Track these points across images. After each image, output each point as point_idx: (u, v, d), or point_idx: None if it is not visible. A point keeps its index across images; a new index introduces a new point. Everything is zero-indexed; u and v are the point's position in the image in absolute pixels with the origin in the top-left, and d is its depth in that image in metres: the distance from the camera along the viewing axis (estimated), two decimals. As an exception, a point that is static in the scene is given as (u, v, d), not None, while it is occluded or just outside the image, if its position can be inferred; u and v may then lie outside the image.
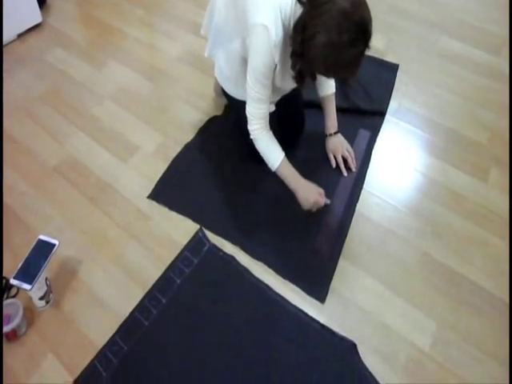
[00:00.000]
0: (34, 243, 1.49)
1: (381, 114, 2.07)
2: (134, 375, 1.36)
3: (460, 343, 1.40)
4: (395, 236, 1.65)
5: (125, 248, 1.64)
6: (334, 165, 1.85)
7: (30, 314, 1.48)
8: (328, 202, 1.67)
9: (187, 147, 1.95)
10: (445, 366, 1.36)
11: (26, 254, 1.46)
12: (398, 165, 1.88)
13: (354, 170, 1.84)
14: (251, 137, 1.59)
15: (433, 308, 1.47)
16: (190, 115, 2.09)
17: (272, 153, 1.60)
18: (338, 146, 1.85)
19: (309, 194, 1.62)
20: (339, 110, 1.86)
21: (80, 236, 1.68)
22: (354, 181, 1.81)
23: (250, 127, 1.57)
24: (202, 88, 2.20)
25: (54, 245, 1.49)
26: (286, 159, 1.60)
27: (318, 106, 1.87)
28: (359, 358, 1.36)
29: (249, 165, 1.85)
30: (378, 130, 2.01)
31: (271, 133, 1.60)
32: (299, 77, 1.43)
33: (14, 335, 1.41)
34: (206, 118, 2.06)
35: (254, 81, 1.45)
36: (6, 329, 1.38)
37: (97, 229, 1.70)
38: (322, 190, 1.63)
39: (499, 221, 1.70)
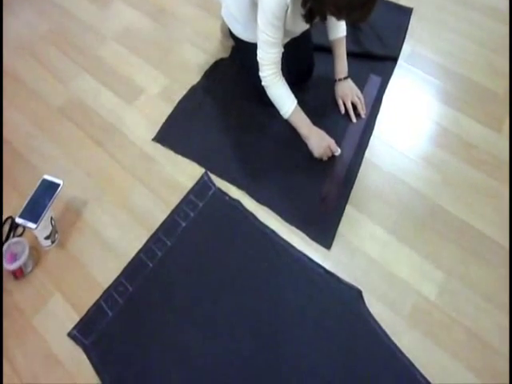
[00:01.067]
0: (38, 183, 1.43)
1: (393, 60, 1.93)
2: (139, 315, 1.32)
3: (467, 293, 1.34)
4: (404, 185, 1.56)
5: (130, 190, 1.57)
6: (342, 111, 1.73)
7: (37, 254, 1.44)
8: (339, 151, 1.59)
9: (193, 90, 1.84)
10: (451, 315, 1.30)
11: (31, 194, 1.40)
12: (410, 112, 1.76)
13: (363, 116, 1.72)
14: (263, 83, 1.48)
15: (441, 258, 1.40)
16: (196, 57, 1.95)
17: (285, 100, 1.51)
18: (348, 92, 1.73)
19: (320, 141, 1.55)
20: (350, 54, 1.72)
21: (85, 177, 1.61)
22: (363, 127, 1.70)
23: (261, 73, 1.46)
24: (208, 29, 2.05)
25: (58, 185, 1.43)
26: (298, 106, 1.52)
27: (328, 50, 1.74)
28: (364, 304, 1.31)
29: (256, 108, 1.74)
30: (390, 76, 1.87)
31: (284, 79, 1.50)
32: (309, 16, 1.32)
33: (20, 273, 1.38)
34: (212, 61, 1.93)
35: (265, 23, 1.33)
36: (12, 266, 1.35)
37: (102, 170, 1.63)
38: (333, 140, 1.55)
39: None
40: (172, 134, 1.71)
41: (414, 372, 1.20)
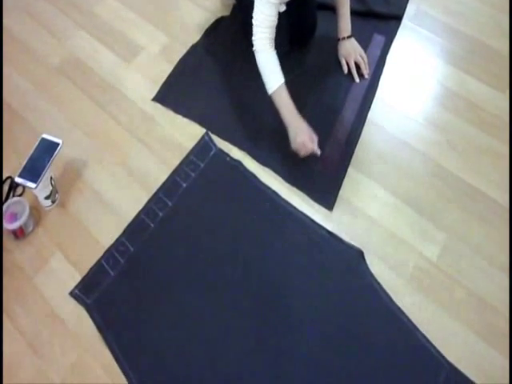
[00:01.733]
0: (37, 142, 1.37)
1: (397, 19, 1.83)
2: (141, 275, 1.29)
3: (469, 254, 1.31)
4: (408, 146, 1.50)
5: (130, 150, 1.52)
6: (345, 70, 1.65)
7: (37, 214, 1.40)
8: (319, 152, 1.38)
9: (193, 48, 1.75)
10: (452, 276, 1.27)
11: (30, 153, 1.35)
12: (414, 73, 1.68)
13: (366, 76, 1.65)
14: (253, 48, 1.38)
15: (443, 219, 1.36)
16: (196, 15, 1.86)
17: (272, 73, 1.38)
18: (351, 51, 1.64)
19: (300, 133, 1.37)
20: (353, 13, 1.64)
21: (84, 137, 1.55)
22: (366, 88, 1.63)
23: (253, 37, 1.37)
24: (209, -14, 1.94)
25: (57, 144, 1.38)
26: (285, 87, 1.38)
27: (331, 8, 1.65)
28: (366, 265, 1.28)
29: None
30: (394, 36, 1.78)
31: (275, 51, 1.39)
32: None
33: (21, 232, 1.34)
34: (213, 19, 1.84)
35: None
36: (13, 226, 1.31)
37: (101, 130, 1.57)
38: (315, 137, 1.37)
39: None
40: (172, 94, 1.64)
41: (414, 331, 1.18)
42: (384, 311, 1.21)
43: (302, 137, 1.36)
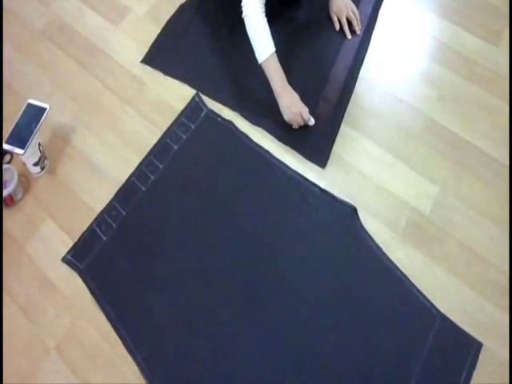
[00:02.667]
0: (23, 108, 1.30)
1: (389, -27, 1.72)
2: (133, 239, 1.25)
3: (461, 208, 1.26)
4: (400, 101, 1.43)
5: (119, 114, 1.45)
6: (337, 27, 1.56)
7: (26, 181, 1.34)
8: (312, 122, 1.35)
9: (182, 8, 1.65)
10: (444, 229, 1.23)
11: (17, 119, 1.29)
12: (406, 27, 1.59)
13: (358, 32, 1.56)
14: (243, 14, 1.28)
15: (435, 173, 1.31)
16: (183, -27, 1.74)
17: (263, 40, 1.28)
18: (342, 7, 1.55)
19: (292, 105, 1.31)
20: (344, -32, 1.53)
21: (72, 102, 1.48)
22: (358, 44, 1.54)
23: (243, 2, 1.28)
24: None
25: (44, 109, 1.31)
26: (276, 56, 1.29)
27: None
28: (359, 221, 1.24)
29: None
30: (386, -9, 1.68)
31: (266, 18, 1.29)
32: None
33: (10, 200, 1.29)
34: (201, -24, 1.72)
35: None
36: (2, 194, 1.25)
37: (89, 95, 1.49)
38: (306, 108, 1.32)
39: (508, 86, 1.46)
40: (161, 55, 1.55)
41: (407, 285, 1.15)
42: (377, 265, 1.18)
43: (295, 108, 1.31)
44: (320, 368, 1.08)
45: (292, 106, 1.31)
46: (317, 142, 1.36)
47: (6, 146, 1.24)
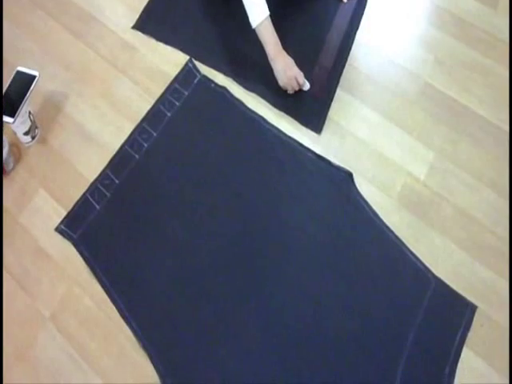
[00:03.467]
0: (12, 75, 1.24)
1: None
2: (127, 207, 1.20)
3: (457, 172, 1.22)
4: (396, 65, 1.37)
5: (111, 81, 1.38)
6: (332, -9, 1.48)
7: (17, 151, 1.28)
8: (307, 87, 1.31)
9: (173, -29, 1.57)
10: (440, 193, 1.20)
11: (5, 87, 1.22)
12: (403, -10, 1.52)
13: (354, -4, 1.48)
14: None
15: (431, 138, 1.27)
16: None
17: (257, 3, 1.20)
18: (338, -30, 1.47)
19: (287, 69, 1.26)
20: None
21: (63, 70, 1.40)
22: (354, 7, 1.47)
23: None
24: None
25: (34, 76, 1.26)
26: (270, 20, 1.21)
27: None
28: (355, 186, 1.20)
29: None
30: (382, -48, 1.59)
31: None
32: None
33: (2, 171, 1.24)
34: None
35: None
36: None
37: (81, 62, 1.41)
38: (301, 73, 1.27)
39: (505, 49, 1.40)
40: (153, 21, 1.47)
41: (403, 249, 1.13)
42: (373, 230, 1.15)
43: (290, 72, 1.25)
44: (314, 333, 1.06)
45: (287, 71, 1.26)
46: (312, 107, 1.31)
47: (-6, 115, 1.18)
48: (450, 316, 1.07)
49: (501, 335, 1.05)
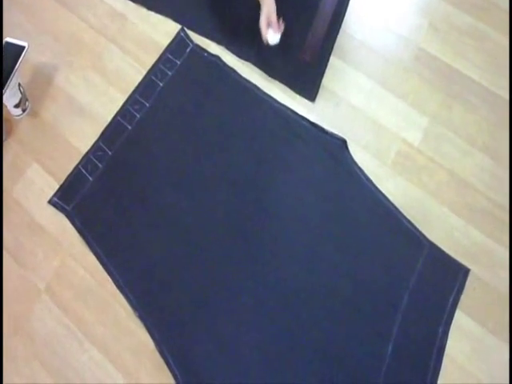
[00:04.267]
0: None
1: None
2: (120, 179, 1.17)
3: (451, 138, 1.19)
4: (390, 31, 1.32)
5: (102, 52, 1.32)
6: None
7: (9, 124, 1.24)
8: (273, 42, 1.19)
9: None
10: (434, 159, 1.17)
11: None
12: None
13: (347, -39, 1.40)
14: None
15: (426, 104, 1.23)
16: None
17: None
18: None
19: (266, 13, 1.16)
20: None
21: (53, 41, 1.35)
22: (347, -27, 1.40)
23: None
24: None
25: (23, 47, 1.19)
26: None
27: None
28: (349, 154, 1.17)
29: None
30: None
31: None
32: None
33: (-8, 143, 1.21)
34: None
35: None
36: None
37: (70, 33, 1.36)
38: (276, 26, 1.18)
39: (500, 15, 1.34)
40: (143, -11, 1.41)
41: (397, 215, 1.10)
42: (367, 197, 1.12)
43: (264, 16, 1.16)
44: (309, 297, 1.04)
45: (264, 11, 1.16)
46: (306, 75, 1.26)
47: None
48: (443, 279, 1.05)
49: (493, 298, 1.04)
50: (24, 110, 1.23)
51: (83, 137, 1.21)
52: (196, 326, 1.03)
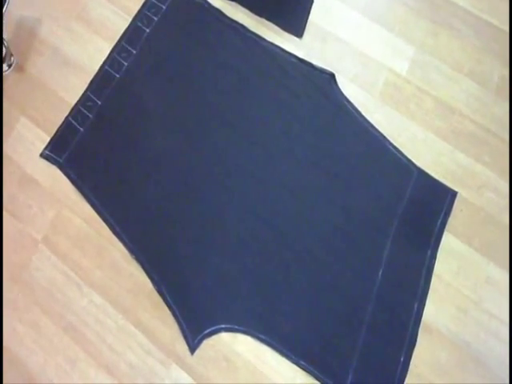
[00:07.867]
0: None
1: None
2: (111, 127, 1.12)
3: (438, 65, 1.15)
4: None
5: (85, 1, 1.24)
6: None
7: (-6, 80, 1.17)
8: None
9: None
10: (422, 87, 1.13)
11: None
12: None
13: None
14: None
15: (412, 33, 1.18)
16: None
17: None
18: None
19: None
20: None
21: (34, -8, 1.25)
22: None
23: None
24: None
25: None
26: None
27: None
28: (337, 86, 1.12)
29: None
30: None
31: None
32: None
33: (-18, 102, 1.12)
34: None
35: None
36: None
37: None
38: None
39: None
40: None
41: (385, 144, 1.08)
42: (356, 128, 1.09)
43: None
44: (300, 229, 1.03)
45: None
46: (292, 11, 1.20)
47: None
48: (431, 203, 1.05)
49: (479, 217, 1.04)
50: (10, 66, 1.16)
51: (71, 88, 1.15)
52: (192, 263, 1.01)
